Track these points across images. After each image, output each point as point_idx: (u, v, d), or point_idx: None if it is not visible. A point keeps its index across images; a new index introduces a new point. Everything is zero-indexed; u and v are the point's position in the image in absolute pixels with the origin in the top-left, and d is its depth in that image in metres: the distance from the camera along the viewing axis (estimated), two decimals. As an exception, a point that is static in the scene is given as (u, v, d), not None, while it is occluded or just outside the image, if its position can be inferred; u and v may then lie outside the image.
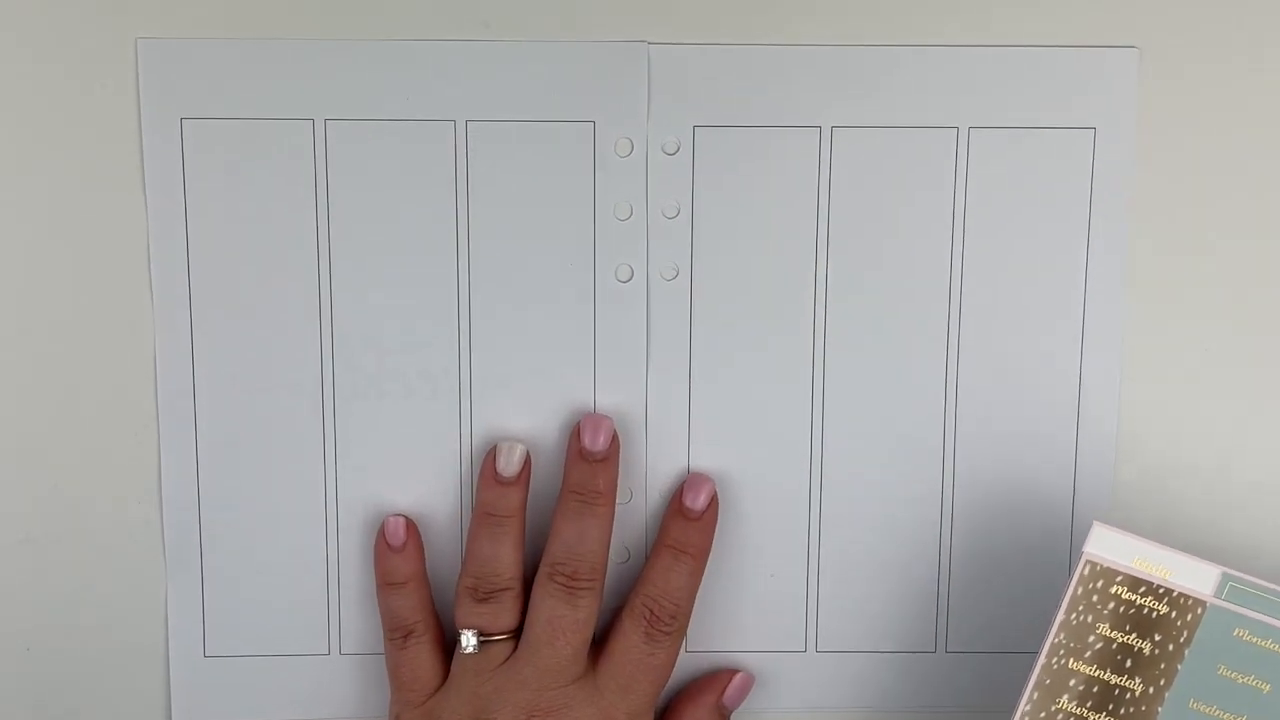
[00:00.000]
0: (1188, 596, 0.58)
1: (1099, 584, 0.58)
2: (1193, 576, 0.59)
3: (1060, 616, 0.58)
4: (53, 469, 0.70)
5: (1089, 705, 0.58)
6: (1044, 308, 0.70)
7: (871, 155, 0.68)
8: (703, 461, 0.71)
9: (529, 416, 0.70)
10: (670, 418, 0.70)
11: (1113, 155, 0.69)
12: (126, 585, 0.71)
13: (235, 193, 0.68)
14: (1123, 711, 0.58)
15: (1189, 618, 0.58)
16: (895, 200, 0.69)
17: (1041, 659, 0.58)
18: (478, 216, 0.68)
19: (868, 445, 0.71)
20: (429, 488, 0.70)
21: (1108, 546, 0.59)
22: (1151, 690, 0.58)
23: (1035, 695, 0.58)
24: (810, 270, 0.69)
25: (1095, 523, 0.60)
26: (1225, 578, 0.59)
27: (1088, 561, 0.58)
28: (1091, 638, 0.58)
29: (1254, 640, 0.57)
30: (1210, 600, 0.57)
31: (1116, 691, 0.58)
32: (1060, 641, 0.58)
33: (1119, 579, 0.58)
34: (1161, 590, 0.58)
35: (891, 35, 0.68)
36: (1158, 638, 0.58)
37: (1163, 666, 0.58)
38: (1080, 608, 0.58)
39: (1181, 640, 0.58)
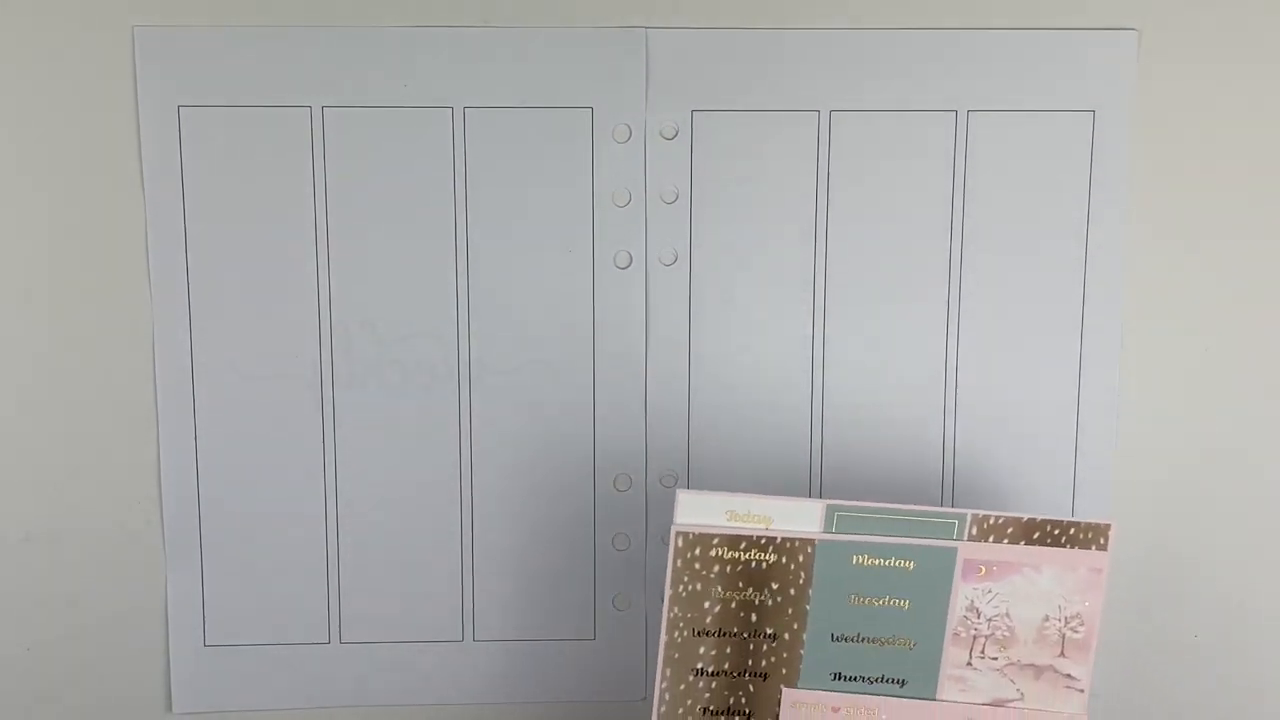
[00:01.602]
0: (792, 539, 0.58)
1: (696, 551, 0.59)
2: (796, 518, 0.59)
3: (668, 591, 0.59)
4: (53, 469, 0.70)
5: (726, 667, 0.59)
6: (1044, 291, 0.70)
7: (870, 139, 0.68)
8: (702, 447, 0.71)
9: (528, 403, 0.70)
10: (669, 402, 0.70)
11: (1112, 137, 0.69)
12: (127, 577, 0.71)
13: (233, 180, 0.68)
14: (764, 664, 0.59)
15: (801, 558, 0.58)
16: (894, 184, 0.69)
17: (663, 636, 0.59)
18: (476, 203, 0.68)
19: (868, 432, 0.71)
20: (428, 475, 0.70)
21: (697, 511, 0.59)
22: (787, 636, 0.59)
23: (668, 672, 0.59)
24: (810, 254, 0.69)
25: (679, 491, 0.59)
26: (831, 509, 0.59)
27: (679, 533, 0.58)
28: (708, 603, 0.59)
29: (875, 562, 0.58)
30: (818, 537, 0.58)
31: (751, 647, 0.59)
32: (676, 615, 0.59)
33: (715, 541, 0.58)
34: (764, 540, 0.58)
35: (890, 19, 0.68)
36: (774, 586, 0.59)
37: (790, 611, 0.59)
38: (685, 578, 0.59)
39: (801, 582, 0.58)
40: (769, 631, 0.59)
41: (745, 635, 0.59)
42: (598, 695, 0.73)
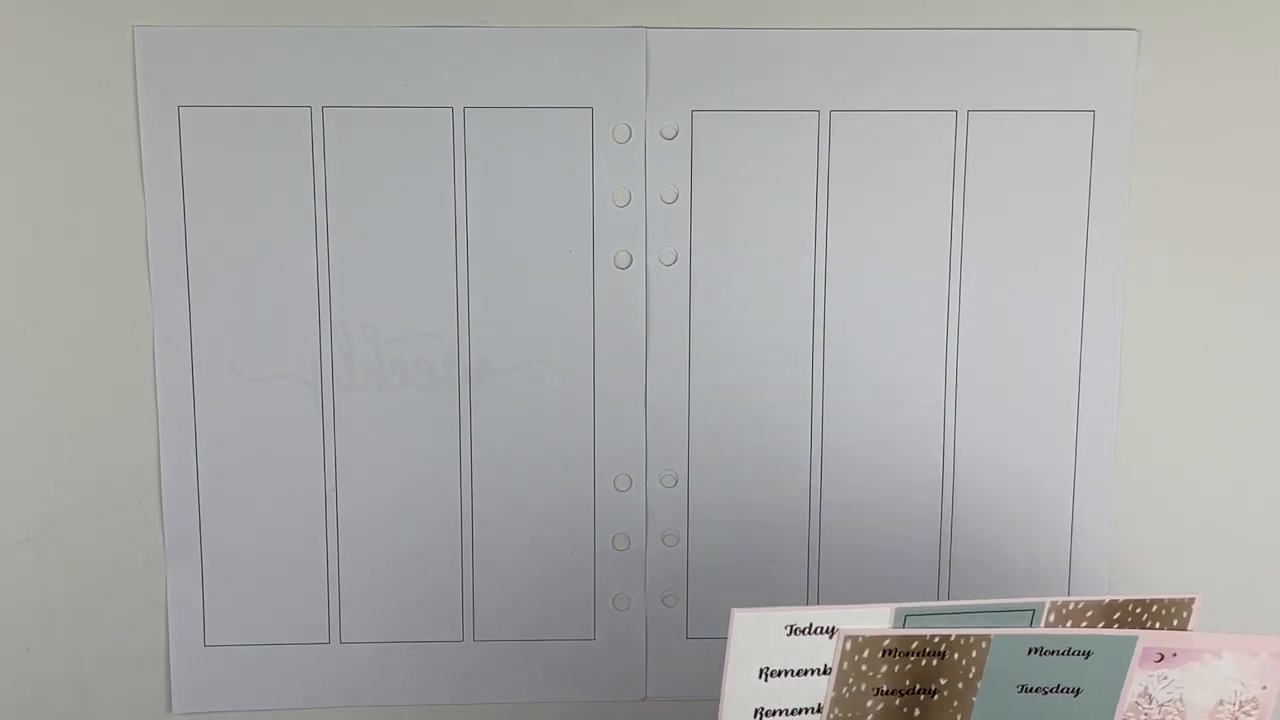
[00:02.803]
0: (966, 637, 0.56)
1: (864, 654, 0.56)
2: (863, 622, 0.56)
3: (831, 693, 0.56)
4: (53, 469, 0.70)
5: None
6: (1044, 290, 0.70)
7: (870, 139, 0.68)
8: (702, 447, 0.71)
9: (528, 403, 0.70)
10: (669, 402, 0.70)
11: (1112, 137, 0.69)
12: (126, 578, 0.71)
13: (233, 180, 0.68)
14: None
15: (974, 654, 0.56)
16: (894, 184, 0.69)
17: None
18: (476, 203, 0.68)
19: (867, 430, 0.71)
20: (428, 475, 0.70)
21: (753, 633, 0.55)
22: None
23: None
24: (810, 254, 0.69)
25: (734, 611, 0.54)
26: (900, 612, 0.56)
27: (847, 636, 0.55)
28: (870, 702, 0.57)
29: (1052, 653, 0.57)
30: (994, 632, 0.56)
31: None
32: (836, 716, 0.56)
33: (885, 642, 0.56)
34: (938, 639, 0.56)
35: (890, 19, 0.68)
36: (943, 681, 0.57)
37: (955, 704, 0.57)
38: (850, 679, 0.56)
39: (970, 676, 0.57)
40: None
41: None
42: (598, 695, 0.73)
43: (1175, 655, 0.57)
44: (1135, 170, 0.69)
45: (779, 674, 0.56)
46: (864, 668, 0.56)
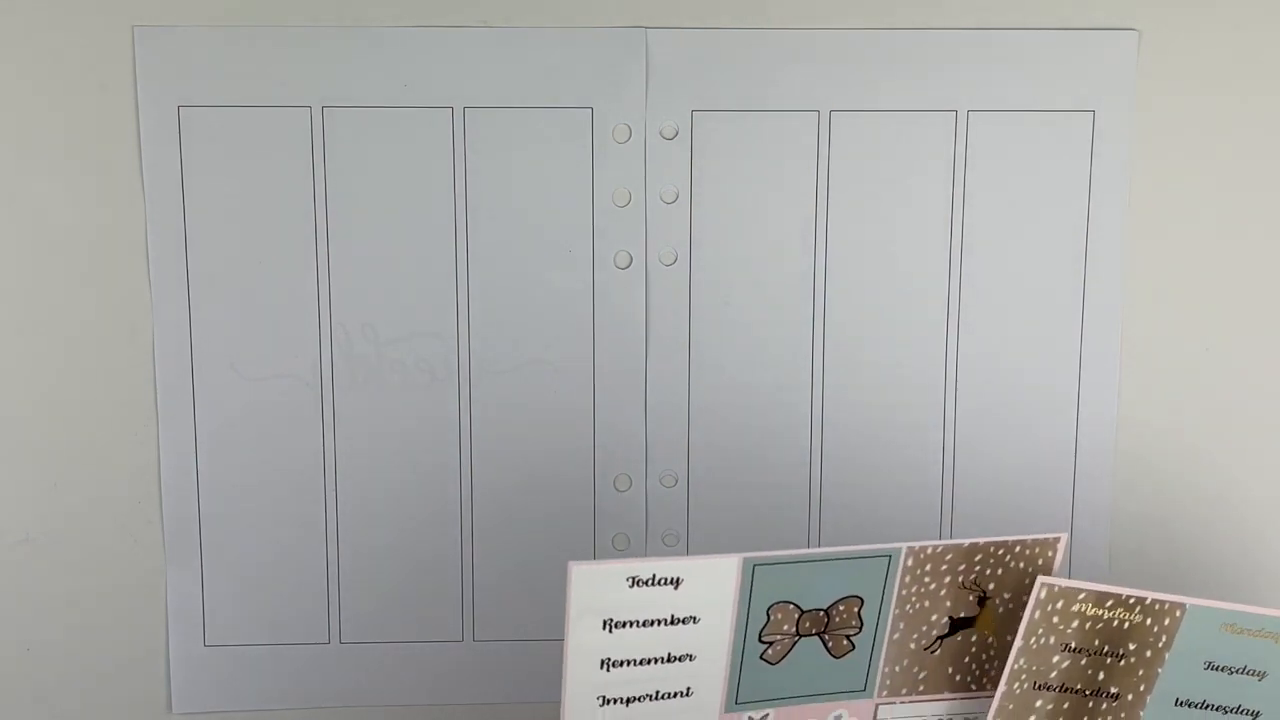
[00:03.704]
0: (1161, 602, 0.56)
1: (1059, 604, 0.56)
2: (709, 575, 0.54)
3: (1020, 642, 0.56)
4: (53, 469, 0.70)
5: None
6: (1044, 290, 0.70)
7: (870, 139, 0.68)
8: (702, 447, 0.71)
9: (528, 403, 0.70)
10: (669, 402, 0.70)
11: (1112, 137, 0.69)
12: (126, 578, 0.71)
13: (233, 180, 0.68)
14: None
15: (1167, 621, 0.56)
16: (894, 184, 0.69)
17: (1003, 686, 0.56)
18: (476, 203, 0.68)
19: (867, 431, 0.71)
20: (428, 475, 0.70)
21: (595, 583, 0.53)
22: (1130, 696, 0.57)
23: None
24: (810, 254, 0.69)
25: (570, 565, 0.52)
26: (747, 562, 0.54)
27: (1044, 584, 0.55)
28: (1056, 658, 0.56)
29: (1245, 632, 0.56)
30: (1190, 601, 0.55)
31: (1090, 705, 0.57)
32: (1021, 666, 0.56)
33: (1081, 596, 0.56)
34: (1133, 600, 0.56)
35: (890, 19, 0.68)
36: (1132, 646, 0.56)
37: (1141, 673, 0.56)
38: (1040, 630, 0.56)
39: (1160, 645, 0.56)
40: (1113, 691, 0.56)
41: (1088, 693, 0.57)
42: (598, 695, 0.73)
43: None
44: (1135, 170, 0.69)
45: (623, 625, 0.54)
46: (1055, 619, 0.56)
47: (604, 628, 0.54)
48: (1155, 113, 0.69)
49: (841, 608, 0.56)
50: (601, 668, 0.54)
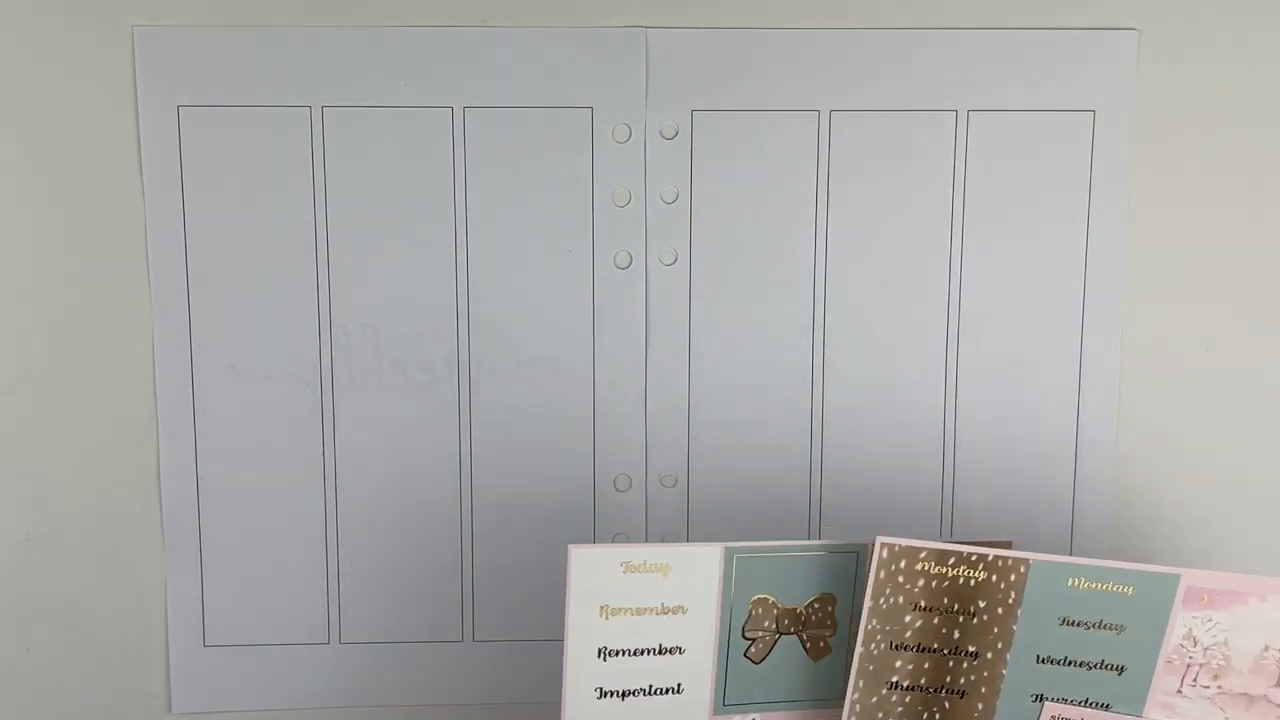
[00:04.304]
0: (1004, 559, 0.56)
1: (901, 564, 0.57)
2: (695, 563, 0.57)
3: (868, 603, 0.57)
4: (53, 469, 0.70)
5: (923, 682, 0.58)
6: (1044, 290, 0.70)
7: (870, 139, 0.68)
8: (702, 447, 0.71)
9: (528, 403, 0.70)
10: (669, 402, 0.70)
11: (1112, 137, 0.69)
12: (126, 578, 0.71)
13: (232, 180, 0.68)
14: (963, 681, 0.57)
15: (1013, 578, 0.56)
16: (894, 184, 0.69)
17: (859, 647, 0.57)
18: (476, 203, 0.68)
19: (867, 431, 0.71)
20: (428, 475, 0.70)
21: (591, 567, 0.56)
22: (990, 655, 0.57)
23: (860, 683, 0.57)
24: (810, 254, 0.69)
25: (570, 548, 0.56)
26: (729, 552, 0.57)
27: (884, 545, 0.56)
28: (909, 617, 0.57)
29: (1093, 585, 0.57)
30: (1033, 556, 0.56)
31: (951, 664, 0.57)
32: (875, 627, 0.57)
33: (922, 555, 0.57)
34: (975, 557, 0.56)
35: (890, 18, 0.68)
36: (982, 604, 0.57)
37: (996, 630, 0.57)
38: (887, 590, 0.57)
39: (1010, 601, 0.57)
40: (971, 649, 0.57)
41: (946, 652, 0.57)
42: (598, 695, 0.73)
43: (1220, 596, 0.57)
44: (1135, 170, 0.69)
45: (618, 612, 0.58)
46: (901, 579, 0.56)
47: (600, 614, 0.57)
48: (1155, 113, 0.69)
49: (816, 605, 0.59)
50: (599, 656, 0.57)
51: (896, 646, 0.58)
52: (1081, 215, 0.69)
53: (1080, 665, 0.57)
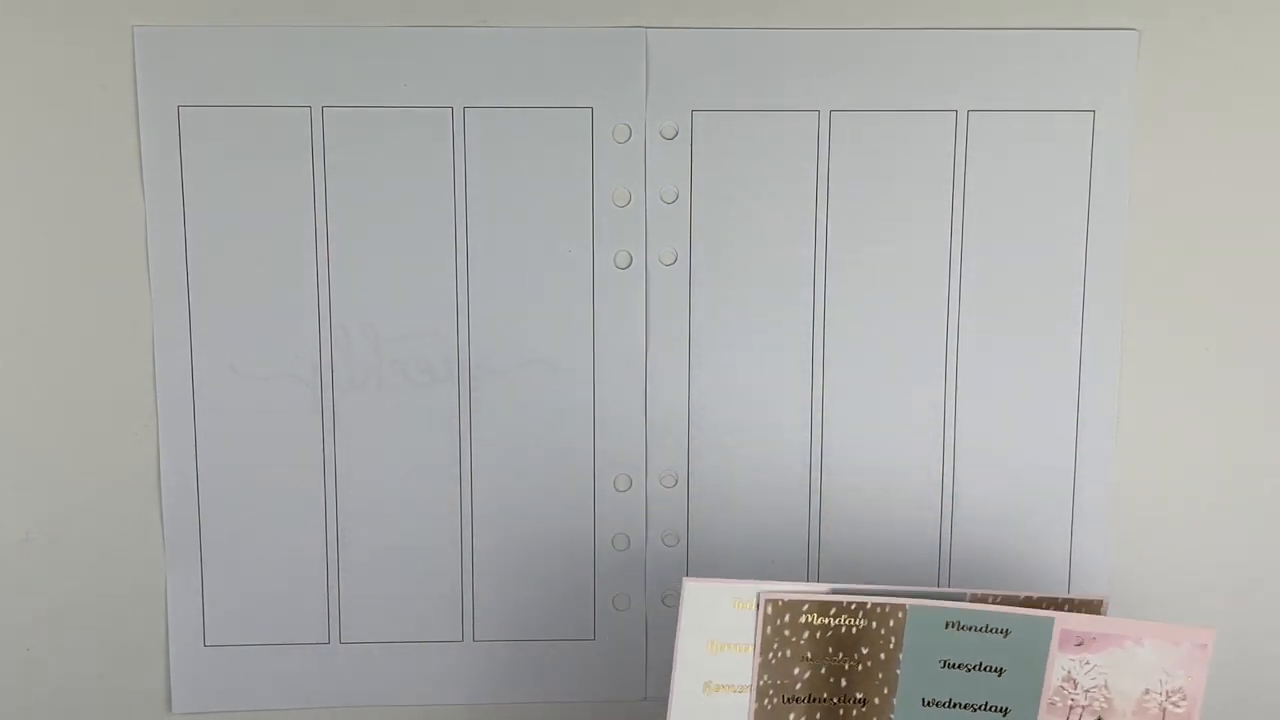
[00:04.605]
0: (883, 605, 0.57)
1: (786, 618, 0.58)
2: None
3: (757, 659, 0.57)
4: (53, 469, 0.70)
5: None
6: (1044, 290, 0.70)
7: (870, 139, 0.68)
8: (702, 447, 0.71)
9: (528, 403, 0.70)
10: (669, 402, 0.70)
11: (1112, 137, 0.69)
12: (127, 578, 0.71)
13: (233, 180, 0.68)
14: None
15: (891, 623, 0.57)
16: (894, 184, 0.69)
17: (753, 704, 0.58)
18: (476, 203, 0.68)
19: (867, 430, 0.71)
20: (428, 475, 0.70)
21: (704, 600, 0.58)
22: (878, 700, 0.58)
23: None
24: (810, 254, 0.69)
25: (685, 581, 0.58)
26: (835, 593, 0.59)
27: (768, 600, 0.57)
28: (797, 669, 0.58)
29: (969, 628, 0.57)
30: (910, 602, 0.57)
31: (841, 712, 0.58)
32: (766, 682, 0.58)
33: (805, 607, 0.57)
34: (854, 606, 0.57)
35: (890, 19, 0.68)
36: (864, 650, 0.58)
37: (881, 676, 0.58)
38: (775, 645, 0.58)
39: (891, 646, 0.58)
40: (859, 696, 0.58)
41: (835, 700, 0.58)
42: (598, 695, 0.73)
43: (1095, 640, 0.57)
44: (1135, 170, 0.69)
45: (726, 647, 0.59)
46: (787, 633, 0.58)
47: (708, 649, 0.59)
48: (1155, 113, 0.69)
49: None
50: (704, 691, 0.59)
51: (789, 700, 0.58)
52: (1081, 215, 0.69)
53: (965, 707, 0.58)
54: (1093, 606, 0.58)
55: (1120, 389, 0.71)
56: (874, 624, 0.58)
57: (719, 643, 0.59)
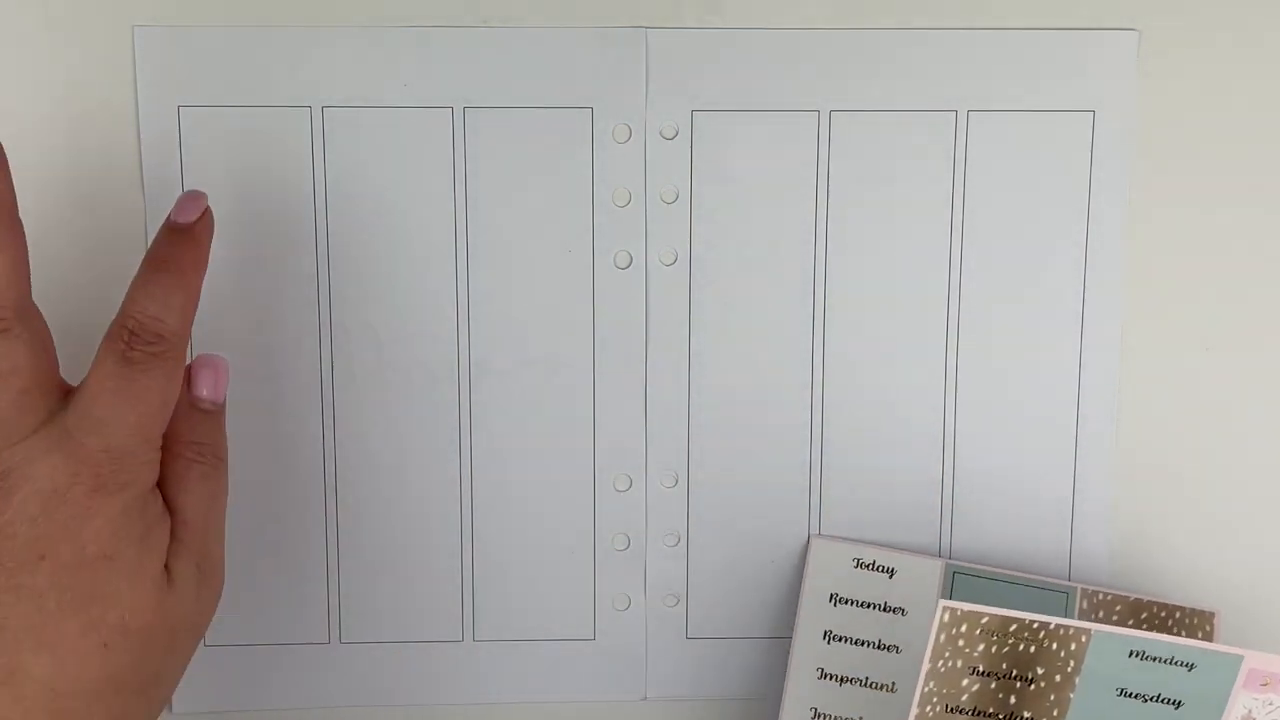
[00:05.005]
0: (1066, 627, 0.56)
1: (962, 628, 0.57)
2: (916, 570, 0.66)
3: (926, 665, 0.56)
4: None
5: None
6: (1044, 290, 0.70)
7: (870, 139, 0.68)
8: (703, 448, 0.71)
9: (528, 403, 0.70)
10: (669, 402, 0.70)
11: (1112, 138, 0.69)
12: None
13: (233, 181, 0.68)
14: None
15: (1073, 647, 0.56)
16: (894, 184, 0.69)
17: (914, 710, 0.57)
18: (476, 203, 0.68)
19: (867, 431, 0.71)
20: (428, 475, 0.70)
21: (828, 558, 0.67)
22: None
23: None
24: (809, 255, 0.69)
25: (813, 539, 0.64)
26: (949, 568, 0.65)
27: (945, 608, 0.56)
28: (965, 680, 0.57)
29: (1153, 659, 0.56)
30: (1094, 627, 0.56)
31: None
32: (931, 690, 0.57)
33: (984, 620, 0.56)
34: (1035, 625, 0.56)
35: (890, 18, 0.68)
36: (1040, 670, 0.57)
37: (1053, 698, 0.57)
38: (946, 653, 0.56)
39: (1069, 670, 0.57)
40: (1027, 715, 0.57)
41: (1001, 717, 0.57)
42: (598, 695, 0.73)
43: None
44: (1135, 170, 0.69)
45: (846, 602, 0.66)
46: (961, 643, 0.56)
47: (830, 601, 0.66)
48: (1155, 113, 0.69)
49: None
50: (824, 639, 0.65)
51: (952, 709, 0.58)
52: (1081, 215, 0.69)
53: None
54: (1205, 619, 0.59)
55: (1120, 388, 0.71)
56: (1054, 645, 0.57)
57: (839, 597, 0.65)
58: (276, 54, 0.67)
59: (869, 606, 0.66)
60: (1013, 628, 0.56)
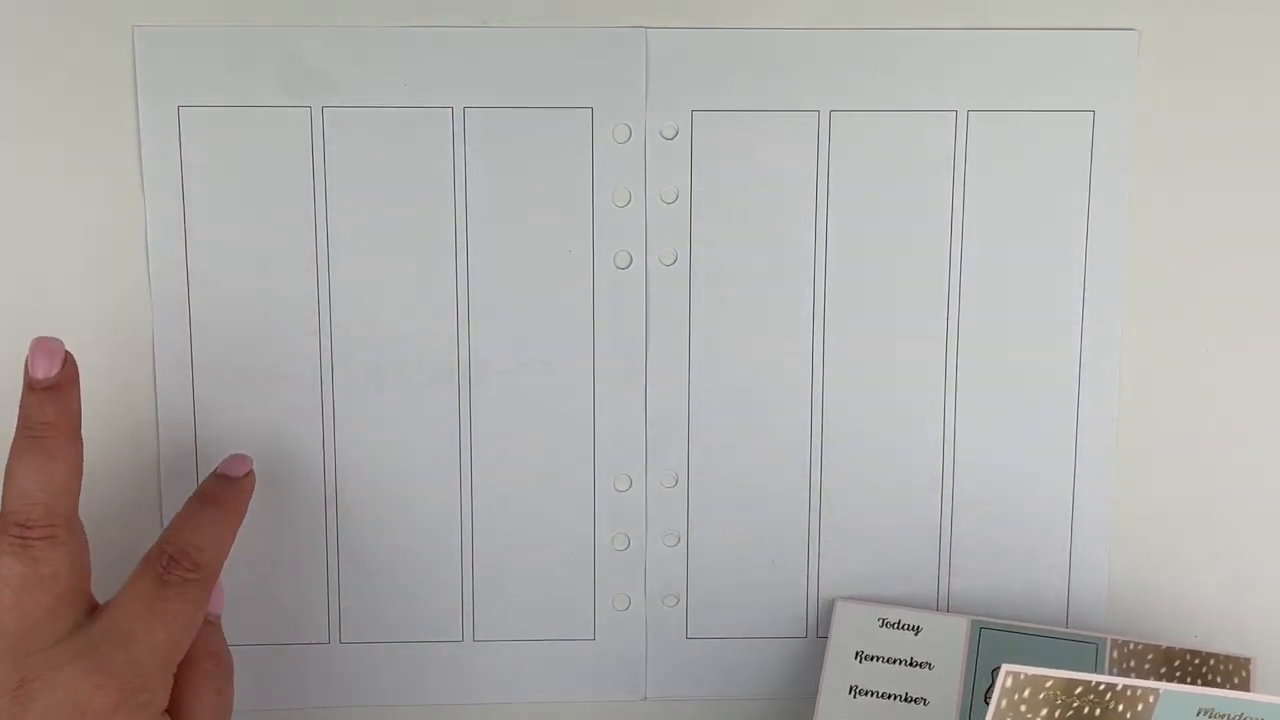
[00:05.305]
0: (1134, 688, 0.54)
1: (1025, 693, 0.55)
2: (941, 630, 0.68)
3: None
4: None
5: None
6: (1043, 290, 0.70)
7: (870, 139, 0.68)
8: (703, 448, 0.71)
9: (528, 403, 0.70)
10: (669, 402, 0.70)
11: (1112, 138, 0.69)
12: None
13: (233, 181, 0.68)
14: None
15: (1140, 707, 0.55)
16: (894, 184, 0.69)
17: None
18: (476, 203, 0.68)
19: (867, 431, 0.71)
20: (428, 476, 0.70)
21: (852, 620, 0.69)
22: None
23: None
24: (809, 255, 0.69)
25: (838, 601, 0.68)
26: (975, 624, 0.66)
27: (1009, 673, 0.54)
28: None
29: (1222, 716, 0.56)
30: (1163, 687, 0.54)
31: None
32: None
33: (1049, 684, 0.54)
34: (1103, 687, 0.55)
35: (890, 19, 0.68)
36: None
37: None
38: (1009, 718, 0.55)
39: None
40: None
41: None
42: (597, 695, 0.73)
43: None
44: (1135, 170, 0.69)
45: (872, 659, 0.67)
46: (1023, 708, 0.55)
47: (856, 658, 0.68)
48: (1155, 113, 0.69)
49: None
50: (849, 694, 0.66)
51: None
52: (1081, 215, 0.69)
53: None
54: (1240, 665, 0.58)
55: (1120, 388, 0.71)
56: (1120, 706, 0.55)
57: (865, 654, 0.68)
58: (276, 54, 0.67)
59: (895, 662, 0.67)
60: (1078, 690, 0.54)
